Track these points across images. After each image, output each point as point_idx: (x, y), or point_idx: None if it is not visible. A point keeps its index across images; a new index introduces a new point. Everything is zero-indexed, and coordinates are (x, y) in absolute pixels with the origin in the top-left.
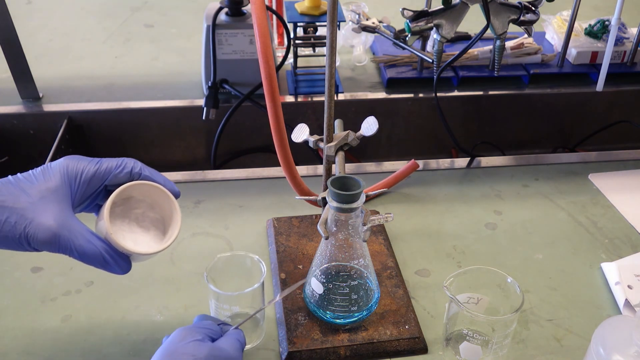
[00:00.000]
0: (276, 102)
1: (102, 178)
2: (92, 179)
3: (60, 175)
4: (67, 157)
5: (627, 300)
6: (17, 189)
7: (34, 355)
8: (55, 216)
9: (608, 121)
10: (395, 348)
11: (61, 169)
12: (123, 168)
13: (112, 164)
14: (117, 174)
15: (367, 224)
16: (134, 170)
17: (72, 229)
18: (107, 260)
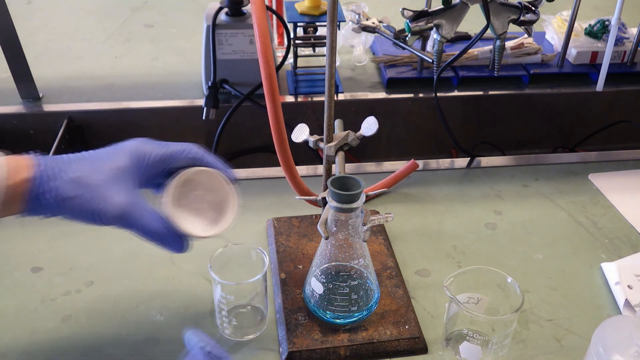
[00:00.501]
0: (276, 102)
1: (167, 161)
2: (158, 161)
3: (130, 155)
4: (138, 139)
5: (627, 300)
6: (91, 166)
7: (34, 355)
8: (125, 195)
9: (608, 121)
10: (395, 348)
11: (131, 149)
12: (187, 153)
13: (177, 148)
14: (181, 158)
15: (367, 224)
16: (196, 156)
17: (139, 208)
18: (167, 239)
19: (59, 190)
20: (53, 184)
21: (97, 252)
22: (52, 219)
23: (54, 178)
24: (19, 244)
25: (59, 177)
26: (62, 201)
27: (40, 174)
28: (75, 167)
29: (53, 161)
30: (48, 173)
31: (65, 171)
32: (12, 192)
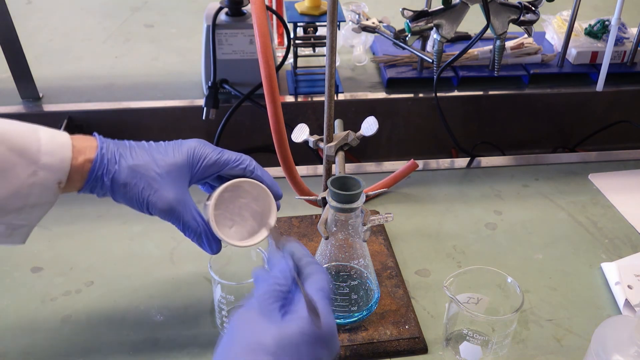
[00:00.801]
0: (276, 102)
1: (220, 167)
2: (211, 166)
3: (187, 155)
4: (196, 140)
5: (627, 300)
6: (149, 157)
7: (34, 355)
8: (175, 191)
9: (608, 121)
10: (395, 348)
11: (189, 149)
12: (240, 163)
13: (231, 157)
14: (233, 167)
15: (367, 224)
16: (248, 168)
17: (185, 205)
18: (202, 240)
19: (116, 175)
20: (112, 167)
21: (97, 252)
22: (52, 220)
23: (113, 162)
24: None
25: (118, 162)
26: (116, 185)
27: (101, 157)
28: (135, 155)
29: (115, 146)
30: (108, 157)
31: (125, 157)
32: (75, 170)
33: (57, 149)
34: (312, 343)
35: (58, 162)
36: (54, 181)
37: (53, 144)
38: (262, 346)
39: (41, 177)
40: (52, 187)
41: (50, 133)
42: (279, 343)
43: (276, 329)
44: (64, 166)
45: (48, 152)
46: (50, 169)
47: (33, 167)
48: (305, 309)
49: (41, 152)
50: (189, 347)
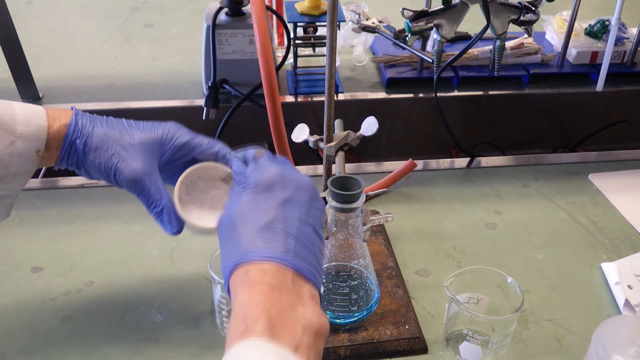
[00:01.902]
0: (276, 102)
1: (190, 149)
2: (182, 147)
3: (161, 133)
4: (174, 123)
5: (627, 300)
6: (123, 128)
7: (34, 355)
8: (143, 163)
9: (608, 121)
10: (395, 348)
11: (164, 129)
12: (211, 148)
13: (203, 141)
14: (204, 151)
15: (367, 224)
16: (220, 153)
17: (152, 179)
18: (163, 216)
19: (88, 139)
20: (85, 130)
21: (97, 252)
22: (52, 220)
23: (87, 126)
24: (19, 244)
25: (92, 127)
26: (88, 149)
27: (75, 122)
28: (109, 124)
29: (90, 115)
30: (83, 121)
31: (98, 125)
32: (52, 137)
33: (32, 119)
34: (263, 195)
35: (34, 130)
36: (32, 149)
37: (28, 114)
38: (232, 225)
39: (19, 147)
40: (31, 156)
41: (24, 105)
42: (240, 214)
43: (238, 207)
44: (41, 134)
45: (23, 121)
46: (28, 138)
47: (10, 137)
48: (248, 177)
49: (17, 122)
50: (189, 347)
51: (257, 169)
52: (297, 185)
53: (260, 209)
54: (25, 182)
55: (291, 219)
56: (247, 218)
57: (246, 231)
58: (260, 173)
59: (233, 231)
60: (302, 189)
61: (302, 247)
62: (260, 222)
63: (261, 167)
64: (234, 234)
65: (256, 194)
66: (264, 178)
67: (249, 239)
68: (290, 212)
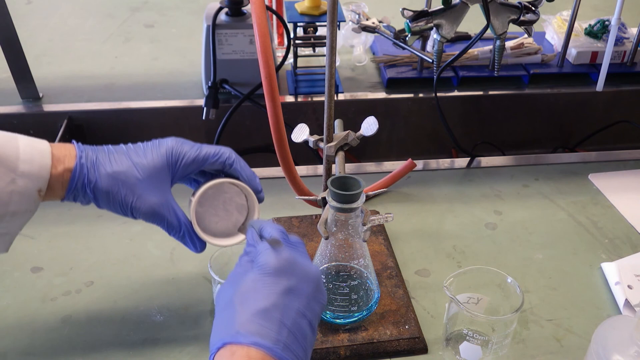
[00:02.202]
0: (276, 102)
1: (200, 164)
2: (190, 164)
3: (166, 156)
4: (173, 139)
5: (627, 300)
6: (129, 162)
7: (34, 355)
8: (157, 195)
9: (608, 121)
10: (395, 348)
11: (167, 150)
12: (219, 157)
13: (210, 152)
14: (212, 162)
15: (367, 224)
16: (227, 161)
17: (169, 208)
18: (186, 239)
19: (97, 183)
20: (92, 176)
21: (97, 252)
22: (52, 220)
23: (92, 171)
24: (19, 244)
25: (98, 170)
26: (99, 193)
27: (80, 166)
28: (114, 161)
29: (93, 153)
30: (88, 165)
31: (104, 164)
32: (55, 179)
33: (36, 157)
34: (268, 280)
35: (37, 169)
36: (33, 189)
37: (32, 152)
38: (230, 300)
39: (20, 185)
40: (32, 195)
41: (29, 141)
42: (241, 292)
43: (238, 284)
44: (43, 174)
45: (27, 160)
46: (29, 177)
47: (11, 175)
48: (259, 258)
49: (20, 160)
50: (189, 347)
51: (269, 250)
52: (304, 275)
53: (262, 292)
54: (26, 220)
55: (289, 309)
56: (247, 298)
57: (243, 311)
58: (271, 256)
59: (230, 306)
60: (308, 280)
61: (293, 341)
62: (258, 306)
63: (273, 249)
64: (230, 310)
65: (261, 276)
66: (274, 262)
67: (243, 320)
68: (290, 301)
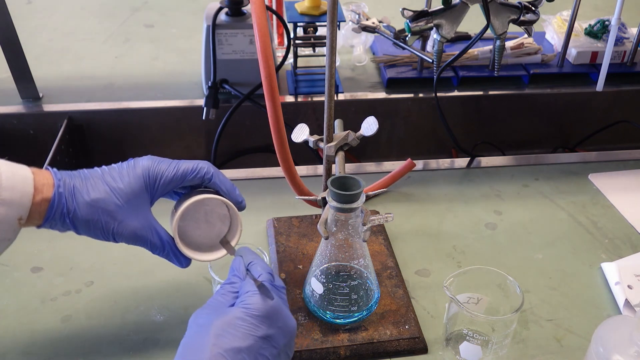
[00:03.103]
0: (276, 102)
1: (178, 182)
2: (169, 182)
3: (142, 179)
4: (150, 158)
5: (627, 300)
6: (106, 187)
7: (34, 355)
8: (138, 219)
9: (608, 121)
10: (395, 348)
11: (144, 171)
12: (197, 173)
13: (188, 168)
14: (191, 179)
15: (367, 224)
16: (206, 176)
17: (150, 229)
18: (171, 257)
19: (76, 213)
20: (70, 205)
21: (97, 252)
22: None
23: (70, 200)
24: (19, 244)
25: (76, 199)
26: (78, 222)
27: (58, 195)
28: (92, 189)
29: (71, 180)
30: (66, 195)
31: (82, 193)
32: (34, 208)
33: (18, 184)
34: (251, 322)
35: (18, 197)
36: (14, 217)
37: (14, 179)
38: (206, 328)
39: (1, 213)
40: (13, 223)
41: (10, 167)
42: (220, 325)
43: (219, 316)
44: (25, 202)
45: (8, 187)
46: (11, 205)
47: None
48: (247, 297)
49: (2, 187)
50: None
51: (256, 292)
52: (282, 327)
53: (241, 331)
54: (4, 248)
55: (259, 356)
56: (224, 333)
57: (217, 344)
58: (259, 300)
59: (205, 334)
60: (285, 333)
61: None
62: (232, 344)
63: (262, 293)
64: (205, 337)
65: (245, 315)
66: (260, 308)
67: (215, 353)
68: (264, 349)
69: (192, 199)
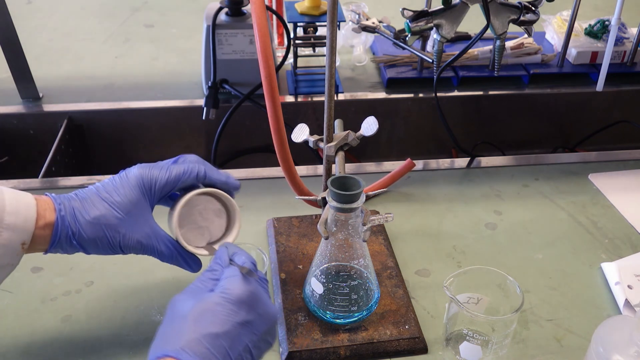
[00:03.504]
0: (276, 102)
1: (173, 185)
2: (164, 187)
3: (138, 188)
4: (140, 167)
5: (627, 300)
6: (105, 204)
7: (34, 355)
8: (141, 229)
9: (608, 121)
10: (395, 348)
11: (137, 180)
12: (190, 174)
13: (180, 171)
14: (185, 180)
15: (367, 224)
16: (199, 175)
17: (156, 237)
18: (181, 263)
19: (80, 233)
20: (74, 227)
21: None
22: None
23: (73, 222)
24: None
25: (78, 220)
26: (84, 242)
27: (61, 219)
28: (90, 207)
29: (69, 203)
30: (68, 218)
31: (82, 213)
32: (38, 233)
33: (21, 209)
34: (230, 307)
35: (22, 222)
36: (17, 242)
37: (18, 204)
38: (184, 314)
39: (4, 238)
40: (16, 248)
41: (14, 194)
42: (198, 310)
43: (197, 301)
44: (28, 226)
45: (12, 212)
46: (14, 230)
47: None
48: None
49: (5, 212)
50: None
51: (237, 277)
52: (263, 313)
53: (219, 316)
54: (8, 273)
55: (239, 342)
56: (202, 318)
57: (194, 329)
58: (237, 284)
59: (183, 320)
60: (266, 319)
61: None
62: (210, 329)
63: (241, 279)
64: (182, 323)
65: (223, 300)
66: (238, 291)
67: (192, 338)
68: (242, 335)
69: (179, 204)
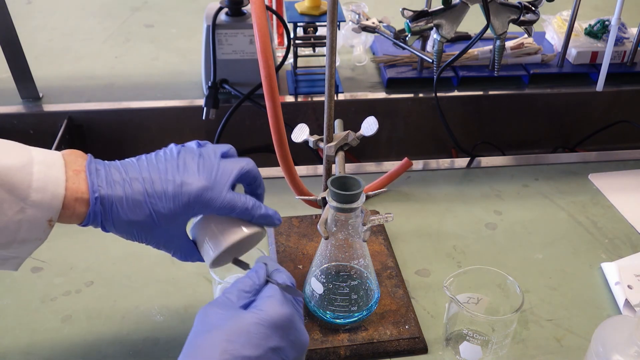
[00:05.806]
0: (276, 102)
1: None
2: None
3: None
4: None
5: (627, 300)
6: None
7: (34, 355)
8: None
9: (608, 121)
10: (395, 348)
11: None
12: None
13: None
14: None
15: (367, 224)
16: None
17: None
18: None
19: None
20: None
21: (97, 252)
22: None
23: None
24: None
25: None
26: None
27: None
28: (131, 210)
29: (111, 192)
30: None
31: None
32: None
33: (49, 185)
34: (264, 331)
35: (49, 199)
36: (43, 219)
37: (45, 179)
38: (217, 330)
39: (29, 215)
40: (42, 225)
41: (44, 167)
42: (233, 328)
43: (231, 318)
44: (55, 204)
45: (39, 188)
46: (40, 207)
47: (21, 204)
48: (264, 302)
49: (32, 188)
50: None
51: (274, 299)
52: (294, 341)
53: (253, 340)
54: (36, 247)
55: None
56: (236, 338)
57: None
58: (275, 306)
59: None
60: (296, 347)
61: None
62: (242, 352)
63: (279, 302)
64: (215, 340)
65: (258, 322)
66: (276, 315)
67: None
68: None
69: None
